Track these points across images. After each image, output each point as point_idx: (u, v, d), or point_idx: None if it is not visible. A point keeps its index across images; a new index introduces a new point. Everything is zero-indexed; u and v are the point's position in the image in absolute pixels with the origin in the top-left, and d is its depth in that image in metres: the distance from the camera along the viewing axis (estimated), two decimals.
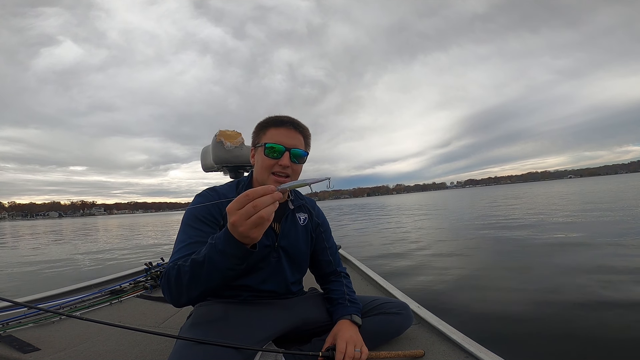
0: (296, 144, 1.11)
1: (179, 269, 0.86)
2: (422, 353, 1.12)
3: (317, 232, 1.30)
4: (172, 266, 0.89)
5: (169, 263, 0.95)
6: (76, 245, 11.42)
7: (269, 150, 1.07)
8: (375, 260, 4.83)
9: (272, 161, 1.08)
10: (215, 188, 1.15)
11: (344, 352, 0.98)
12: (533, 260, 4.07)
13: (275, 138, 1.09)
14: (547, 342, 1.95)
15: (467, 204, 19.50)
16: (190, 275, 0.84)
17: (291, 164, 1.09)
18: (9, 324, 1.53)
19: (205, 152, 2.40)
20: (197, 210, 1.05)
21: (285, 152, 1.08)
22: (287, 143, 1.09)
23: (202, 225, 1.02)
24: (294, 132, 1.11)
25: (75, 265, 6.55)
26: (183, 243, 0.98)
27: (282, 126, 1.11)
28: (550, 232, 5.97)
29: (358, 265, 2.49)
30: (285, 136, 1.09)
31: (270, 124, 1.12)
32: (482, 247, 5.25)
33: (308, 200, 1.33)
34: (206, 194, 1.11)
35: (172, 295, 0.89)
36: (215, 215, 1.05)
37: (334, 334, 1.07)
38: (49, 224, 53.64)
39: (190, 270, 0.84)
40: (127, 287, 2.25)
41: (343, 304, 1.18)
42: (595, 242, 4.81)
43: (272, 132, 1.10)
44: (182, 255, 0.93)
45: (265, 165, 1.09)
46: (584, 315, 2.24)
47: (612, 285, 2.84)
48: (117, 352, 1.30)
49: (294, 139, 1.11)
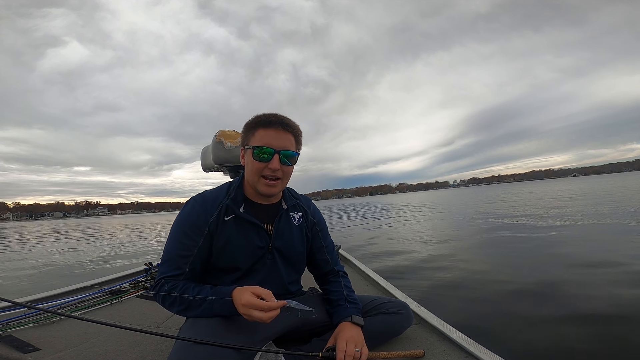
0: (286, 144, 1.07)
1: (174, 300, 0.99)
2: (422, 353, 1.12)
3: (314, 231, 1.28)
4: (168, 292, 1.00)
5: (159, 275, 1.05)
6: (88, 245, 11.43)
7: (257, 152, 1.05)
8: (375, 260, 4.82)
9: (262, 164, 1.05)
10: (204, 194, 1.13)
11: (344, 351, 0.98)
12: (534, 260, 4.07)
13: (264, 140, 1.05)
14: (547, 342, 1.94)
15: (469, 203, 19.50)
16: (185, 308, 0.99)
17: (281, 167, 1.07)
18: (9, 324, 1.53)
19: (205, 152, 2.40)
20: (182, 222, 1.07)
21: (275, 155, 1.05)
22: (276, 145, 1.05)
23: (187, 239, 1.06)
24: (284, 132, 1.07)
25: (76, 265, 6.55)
26: (169, 255, 1.06)
27: (270, 127, 1.06)
28: (552, 233, 5.96)
29: (358, 265, 2.49)
30: (274, 137, 1.06)
31: (259, 124, 1.08)
32: (483, 247, 5.25)
33: (303, 199, 1.31)
34: (194, 203, 1.10)
35: (165, 308, 1.03)
36: (200, 227, 1.06)
37: (335, 334, 1.07)
38: (53, 224, 53.70)
39: (186, 306, 0.98)
40: (127, 287, 2.25)
41: (343, 305, 1.17)
42: (602, 241, 4.81)
43: (260, 133, 1.06)
44: (171, 275, 1.03)
45: (255, 169, 1.07)
46: (585, 315, 2.24)
47: (618, 283, 2.83)
48: (117, 352, 1.30)
49: (284, 140, 1.07)
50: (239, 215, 1.09)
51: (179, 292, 0.98)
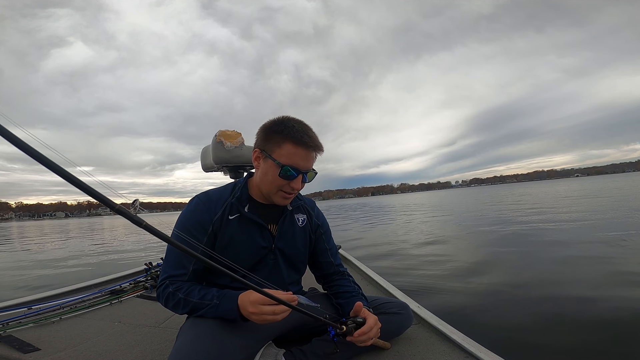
0: (311, 165, 1.05)
1: (178, 302, 0.97)
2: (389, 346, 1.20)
3: (317, 233, 1.29)
4: (172, 293, 0.98)
5: (162, 275, 1.03)
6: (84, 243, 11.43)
7: (284, 172, 1.00)
8: (375, 260, 4.82)
9: (285, 182, 1.03)
10: (209, 193, 1.12)
11: (372, 327, 1.02)
12: (535, 260, 4.07)
13: (293, 159, 1.00)
14: (547, 342, 1.94)
15: (471, 203, 19.49)
16: (189, 311, 0.97)
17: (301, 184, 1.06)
18: (9, 324, 1.53)
19: (205, 152, 2.39)
20: (187, 220, 1.06)
21: (299, 175, 1.03)
22: (303, 166, 1.02)
23: (190, 237, 1.03)
24: (313, 153, 1.04)
25: (76, 265, 6.55)
26: (173, 253, 1.05)
27: (302, 146, 1.00)
28: (554, 232, 5.96)
29: (358, 265, 2.49)
30: (303, 159, 1.01)
31: (289, 137, 0.99)
32: (484, 247, 5.25)
33: (307, 200, 1.31)
34: (198, 201, 1.09)
35: (167, 308, 1.01)
36: (204, 225, 1.05)
37: (360, 311, 1.07)
38: (55, 224, 53.58)
39: (190, 308, 0.96)
40: (127, 287, 2.25)
41: (358, 297, 1.20)
42: (605, 241, 4.80)
43: (289, 149, 0.99)
44: (175, 274, 1.02)
45: (275, 184, 1.04)
46: (585, 315, 2.24)
47: (617, 285, 2.83)
48: (117, 352, 1.31)
49: (311, 161, 1.04)
50: (243, 215, 1.09)
51: (184, 294, 0.97)
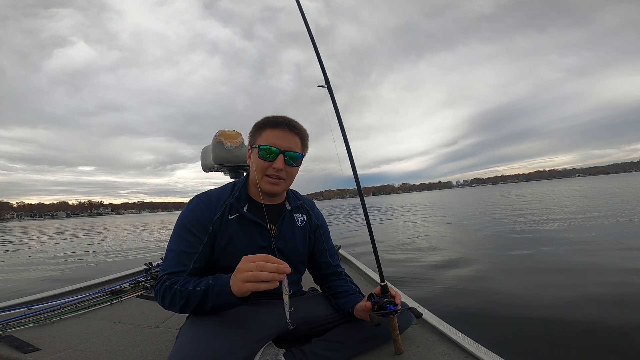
0: (292, 146, 1.09)
1: (175, 294, 0.94)
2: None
3: (317, 234, 1.30)
4: (169, 287, 0.96)
5: (161, 273, 1.02)
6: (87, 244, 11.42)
7: (263, 152, 1.06)
8: (375, 260, 4.81)
9: (266, 163, 1.07)
10: (209, 193, 1.14)
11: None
12: (535, 260, 4.07)
13: (270, 140, 1.07)
14: (547, 342, 1.94)
15: (472, 203, 19.48)
16: (185, 302, 0.94)
17: (285, 167, 1.08)
18: (9, 324, 1.53)
19: (205, 152, 2.39)
20: (187, 219, 1.07)
21: (280, 155, 1.07)
22: (282, 145, 1.07)
23: (191, 236, 1.05)
24: (290, 133, 1.09)
25: (77, 264, 6.55)
26: (173, 253, 1.04)
27: (277, 127, 1.08)
28: (555, 233, 5.96)
29: (358, 265, 2.49)
30: (280, 138, 1.07)
31: (267, 124, 1.10)
32: (484, 247, 5.24)
33: (307, 201, 1.32)
34: (198, 201, 1.10)
35: (165, 307, 0.99)
36: (204, 224, 1.06)
37: (365, 305, 1.11)
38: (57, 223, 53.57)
39: (186, 298, 0.93)
40: (127, 287, 2.25)
41: (356, 295, 1.22)
42: (604, 242, 4.80)
43: (267, 134, 1.08)
44: (174, 271, 1.00)
45: (259, 168, 1.08)
46: (586, 316, 2.24)
47: (619, 285, 2.82)
48: (117, 352, 1.30)
49: (290, 141, 1.09)
50: (242, 215, 1.10)
51: (179, 286, 0.95)
